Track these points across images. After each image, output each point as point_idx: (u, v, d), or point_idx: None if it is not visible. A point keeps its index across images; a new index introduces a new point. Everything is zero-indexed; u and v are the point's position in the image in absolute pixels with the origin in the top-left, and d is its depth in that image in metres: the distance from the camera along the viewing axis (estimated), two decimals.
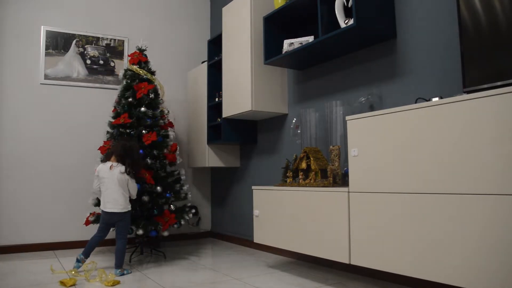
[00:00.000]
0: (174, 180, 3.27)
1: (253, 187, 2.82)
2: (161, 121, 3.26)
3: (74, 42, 3.89)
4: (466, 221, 1.52)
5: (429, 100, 1.81)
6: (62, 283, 2.35)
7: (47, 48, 3.77)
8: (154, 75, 3.38)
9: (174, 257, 3.23)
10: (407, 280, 2.20)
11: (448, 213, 1.59)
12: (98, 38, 4.00)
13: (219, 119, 3.65)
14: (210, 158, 3.76)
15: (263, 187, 2.73)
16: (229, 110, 3.35)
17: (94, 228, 3.55)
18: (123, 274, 2.61)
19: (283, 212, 2.51)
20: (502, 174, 1.42)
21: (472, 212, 1.51)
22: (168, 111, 3.41)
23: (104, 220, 2.73)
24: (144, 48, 3.40)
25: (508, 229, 1.39)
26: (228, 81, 3.39)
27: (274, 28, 3.01)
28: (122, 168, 2.69)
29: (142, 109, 3.13)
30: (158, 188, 3.06)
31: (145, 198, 2.98)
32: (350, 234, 2.03)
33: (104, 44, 4.03)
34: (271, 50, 2.95)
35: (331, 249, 2.14)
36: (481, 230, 1.47)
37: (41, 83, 3.73)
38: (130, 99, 3.16)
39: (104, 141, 3.23)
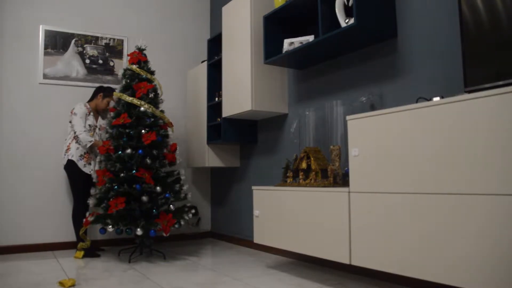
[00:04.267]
0: (174, 180, 3.26)
1: (253, 187, 2.81)
2: (161, 121, 3.26)
3: (73, 41, 3.88)
4: (467, 221, 1.51)
5: (430, 99, 1.80)
6: (61, 283, 2.34)
7: (46, 47, 3.76)
8: (154, 74, 3.38)
9: (173, 257, 3.22)
10: (408, 281, 2.20)
11: (449, 213, 1.58)
12: (97, 38, 3.99)
13: (219, 119, 3.64)
14: (210, 158, 3.75)
15: (263, 187, 2.72)
16: (229, 109, 3.34)
17: (94, 228, 3.55)
18: None
19: (283, 212, 2.50)
20: (504, 174, 1.41)
21: (473, 212, 1.50)
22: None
23: None
24: (143, 47, 3.39)
25: (510, 229, 1.38)
26: (228, 81, 3.38)
27: (274, 27, 2.99)
28: None
29: (142, 108, 3.13)
30: (158, 188, 3.05)
31: (145, 198, 2.97)
32: (351, 234, 2.02)
33: (103, 44, 4.01)
34: (271, 50, 2.94)
35: (332, 249, 2.13)
36: (482, 230, 1.47)
37: (40, 83, 3.72)
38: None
39: (103, 141, 3.22)
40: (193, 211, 3.32)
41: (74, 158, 3.36)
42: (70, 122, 3.43)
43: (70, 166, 3.37)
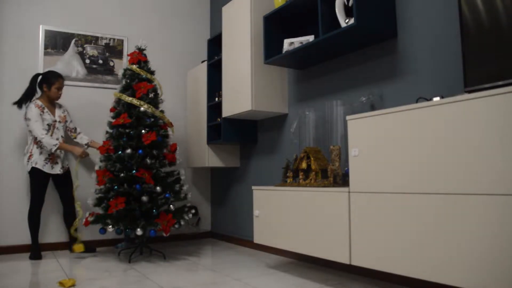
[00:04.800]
0: (174, 180, 3.26)
1: (253, 187, 2.81)
2: (161, 121, 3.26)
3: (73, 41, 3.88)
4: (467, 221, 1.51)
5: (430, 99, 1.80)
6: (61, 283, 2.34)
7: (46, 47, 3.76)
8: (154, 74, 3.38)
9: (173, 257, 3.22)
10: (408, 281, 2.19)
11: (449, 213, 1.58)
12: (97, 38, 3.99)
13: (219, 119, 3.64)
14: (210, 158, 3.75)
15: (263, 187, 2.72)
16: (229, 109, 3.34)
17: (94, 228, 3.55)
18: None
19: (283, 212, 2.50)
20: (504, 174, 1.41)
21: (473, 212, 1.50)
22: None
23: None
24: (143, 47, 3.39)
25: (510, 229, 1.38)
26: (228, 81, 3.38)
27: (274, 27, 2.99)
28: None
29: (142, 109, 3.13)
30: (158, 188, 3.05)
31: (145, 198, 2.97)
32: (351, 234, 2.02)
33: (103, 44, 4.01)
34: (271, 50, 2.94)
35: (332, 249, 2.13)
36: (482, 230, 1.47)
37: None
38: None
39: (103, 141, 3.22)
40: (193, 211, 3.32)
41: (38, 166, 3.26)
42: (29, 128, 3.28)
43: (34, 173, 3.28)
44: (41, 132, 3.22)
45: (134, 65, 3.28)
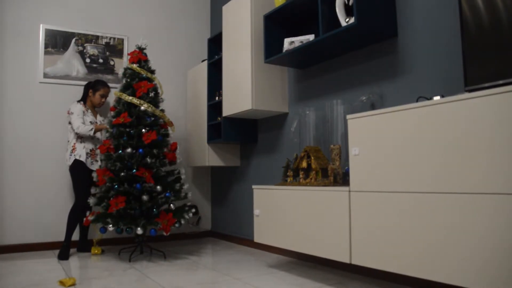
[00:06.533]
0: (174, 179, 3.26)
1: (253, 187, 2.81)
2: (161, 120, 3.26)
3: (73, 40, 3.88)
4: (467, 221, 1.51)
5: (431, 99, 1.80)
6: (61, 283, 2.34)
7: (46, 46, 3.76)
8: (154, 73, 3.37)
9: (174, 257, 3.22)
10: (408, 280, 2.19)
11: (449, 213, 1.58)
12: (97, 37, 3.99)
13: (219, 118, 3.64)
14: (210, 157, 3.75)
15: (263, 186, 2.72)
16: (229, 109, 3.34)
17: (93, 227, 3.55)
18: None
19: (283, 211, 2.50)
20: (504, 173, 1.41)
21: (473, 211, 1.50)
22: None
23: None
24: (144, 46, 3.39)
25: (510, 229, 1.38)
26: (228, 80, 3.38)
27: (275, 26, 2.99)
28: None
29: (142, 108, 3.13)
30: (158, 187, 3.05)
31: (145, 197, 2.97)
32: (351, 234, 2.02)
33: (103, 43, 4.01)
34: (271, 49, 2.93)
35: (332, 248, 2.13)
36: (482, 229, 1.46)
37: (40, 82, 3.72)
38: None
39: (103, 140, 3.22)
40: (193, 210, 3.32)
41: (82, 158, 3.33)
42: (70, 123, 3.41)
43: (77, 166, 3.33)
44: (78, 123, 3.34)
45: (134, 64, 3.28)
